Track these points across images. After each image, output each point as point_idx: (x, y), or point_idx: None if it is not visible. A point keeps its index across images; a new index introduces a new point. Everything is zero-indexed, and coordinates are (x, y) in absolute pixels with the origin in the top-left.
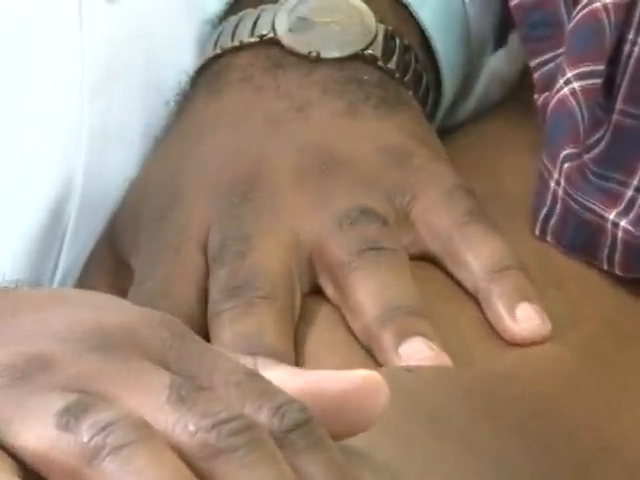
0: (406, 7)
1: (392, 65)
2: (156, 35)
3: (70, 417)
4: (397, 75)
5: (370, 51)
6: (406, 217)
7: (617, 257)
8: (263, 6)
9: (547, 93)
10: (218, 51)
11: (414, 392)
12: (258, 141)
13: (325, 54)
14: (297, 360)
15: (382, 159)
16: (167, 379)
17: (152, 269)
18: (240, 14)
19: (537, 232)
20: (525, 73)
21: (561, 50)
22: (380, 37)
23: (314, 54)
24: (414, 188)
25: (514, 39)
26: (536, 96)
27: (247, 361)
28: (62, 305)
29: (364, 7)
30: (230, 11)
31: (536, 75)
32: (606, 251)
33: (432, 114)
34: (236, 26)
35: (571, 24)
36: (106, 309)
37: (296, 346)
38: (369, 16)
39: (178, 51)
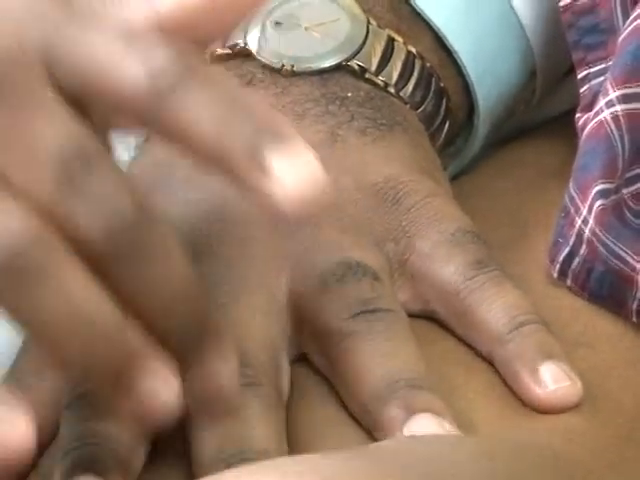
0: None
1: (386, 77)
2: None
3: None
4: (391, 89)
5: (356, 61)
6: (402, 268)
7: None
8: None
9: (591, 113)
10: None
11: (431, 458)
12: (221, 183)
13: (300, 67)
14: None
15: (369, 199)
16: None
17: None
18: None
19: (555, 274)
20: None
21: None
22: (372, 42)
23: (288, 68)
24: (408, 232)
25: None
26: (578, 114)
27: None
28: None
29: (354, 6)
30: None
31: (582, 89)
32: (635, 304)
33: (452, 138)
34: None
35: (623, 34)
36: None
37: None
38: (359, 17)
39: None
